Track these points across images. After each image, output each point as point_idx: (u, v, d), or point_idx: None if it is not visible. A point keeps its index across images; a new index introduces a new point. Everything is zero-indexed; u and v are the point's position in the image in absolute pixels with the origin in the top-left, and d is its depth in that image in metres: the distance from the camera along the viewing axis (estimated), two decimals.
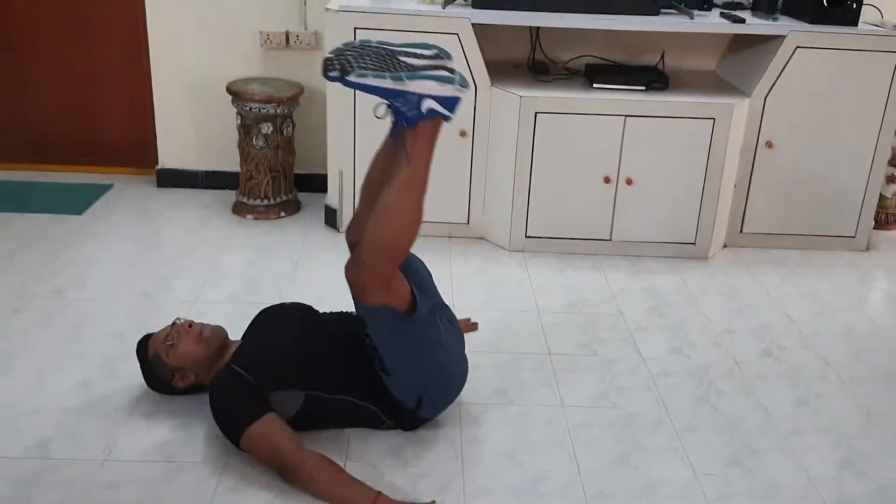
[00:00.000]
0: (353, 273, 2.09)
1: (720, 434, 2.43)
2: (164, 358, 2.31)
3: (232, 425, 2.13)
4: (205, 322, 2.39)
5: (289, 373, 2.21)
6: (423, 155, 2.06)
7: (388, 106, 2.01)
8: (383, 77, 1.96)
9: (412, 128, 2.02)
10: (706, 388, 2.65)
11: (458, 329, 2.37)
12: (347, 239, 2.37)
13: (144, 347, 2.37)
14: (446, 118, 2.04)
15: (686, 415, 2.50)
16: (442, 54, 2.06)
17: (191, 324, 2.34)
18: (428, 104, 1.99)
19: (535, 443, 2.34)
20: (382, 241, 2.06)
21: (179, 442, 2.25)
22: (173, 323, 2.38)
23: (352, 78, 1.95)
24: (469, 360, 2.44)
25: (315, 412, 2.23)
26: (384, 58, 1.99)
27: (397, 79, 1.96)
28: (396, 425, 2.31)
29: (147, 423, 2.32)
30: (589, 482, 2.19)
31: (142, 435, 2.27)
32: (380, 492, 2.02)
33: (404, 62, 2.00)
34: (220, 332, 2.37)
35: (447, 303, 2.41)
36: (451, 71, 2.04)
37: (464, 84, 2.03)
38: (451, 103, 2.03)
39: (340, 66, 1.95)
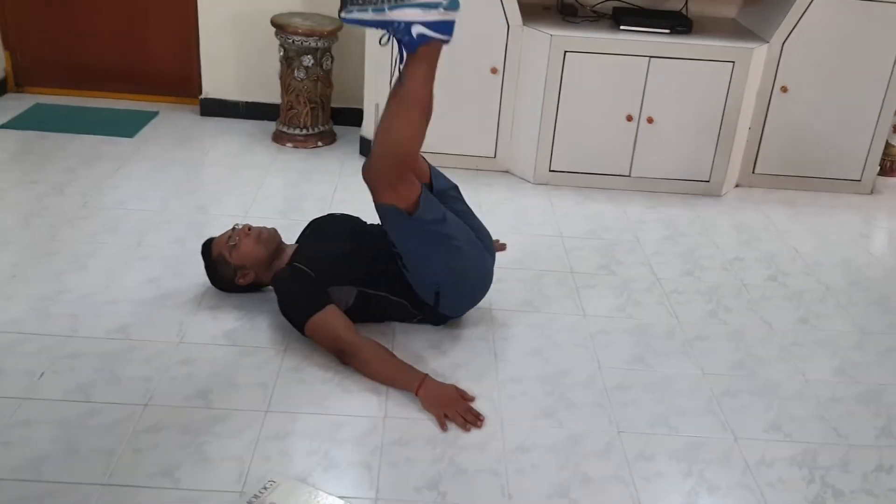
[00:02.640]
0: (364, 174, 2.33)
1: (727, 342, 2.69)
2: (228, 257, 2.57)
3: (297, 314, 2.40)
4: (261, 226, 2.65)
5: (343, 270, 2.48)
6: (418, 76, 2.20)
7: (391, 35, 2.15)
8: (365, 10, 2.11)
9: (412, 52, 2.17)
10: (715, 305, 2.90)
11: (482, 236, 2.58)
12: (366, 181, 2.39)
13: (209, 249, 2.63)
14: (442, 41, 2.15)
15: (696, 326, 2.76)
16: None
17: (249, 227, 2.60)
18: (417, 30, 2.11)
19: (560, 343, 2.60)
20: (383, 147, 2.28)
21: (244, 330, 2.52)
22: (233, 227, 2.63)
23: (343, 14, 2.14)
24: (497, 275, 2.68)
25: (365, 306, 2.50)
26: None
27: (378, 10, 2.10)
28: (425, 319, 2.57)
29: (213, 314, 2.59)
30: (608, 376, 2.46)
31: (210, 324, 2.54)
32: (427, 374, 2.29)
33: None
34: (275, 235, 2.63)
35: None
36: None
37: (451, 6, 2.09)
38: (443, 27, 2.11)
39: (342, 4, 2.13)
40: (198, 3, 4.14)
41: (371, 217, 2.81)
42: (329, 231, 2.66)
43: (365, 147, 3.98)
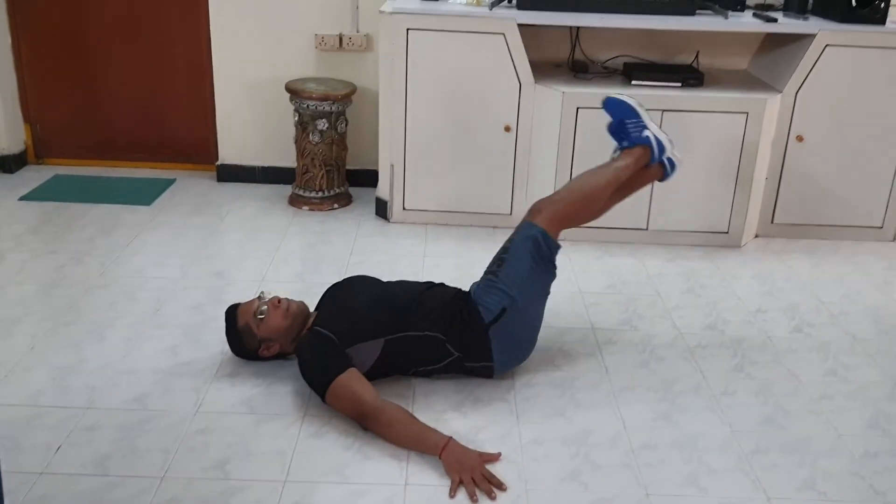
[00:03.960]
0: (541, 201, 2.70)
1: (754, 397, 2.63)
2: (255, 329, 2.55)
3: (319, 379, 2.37)
4: (290, 297, 2.63)
5: (367, 324, 2.47)
6: (619, 166, 2.79)
7: (618, 129, 2.86)
8: (629, 98, 2.87)
9: (629, 147, 2.82)
10: (740, 359, 2.85)
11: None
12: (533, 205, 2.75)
13: (233, 317, 2.60)
14: (653, 154, 2.81)
15: (722, 381, 2.70)
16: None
17: (279, 300, 2.58)
18: (647, 133, 2.80)
19: (583, 402, 2.55)
20: (576, 189, 2.75)
21: (262, 397, 2.49)
22: (259, 296, 2.62)
23: (611, 96, 2.89)
24: None
25: (393, 355, 2.47)
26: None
27: (639, 104, 2.86)
28: (461, 357, 2.52)
29: (231, 382, 2.56)
30: (634, 435, 2.40)
31: (227, 392, 2.51)
32: (451, 437, 2.24)
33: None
34: (304, 308, 2.61)
35: None
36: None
37: (676, 155, 2.88)
38: (661, 149, 2.82)
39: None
40: (213, 72, 4.21)
41: (386, 278, 2.81)
42: (347, 292, 2.65)
43: (381, 207, 3.98)
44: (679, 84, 3.70)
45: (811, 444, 2.40)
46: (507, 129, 3.74)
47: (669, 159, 2.86)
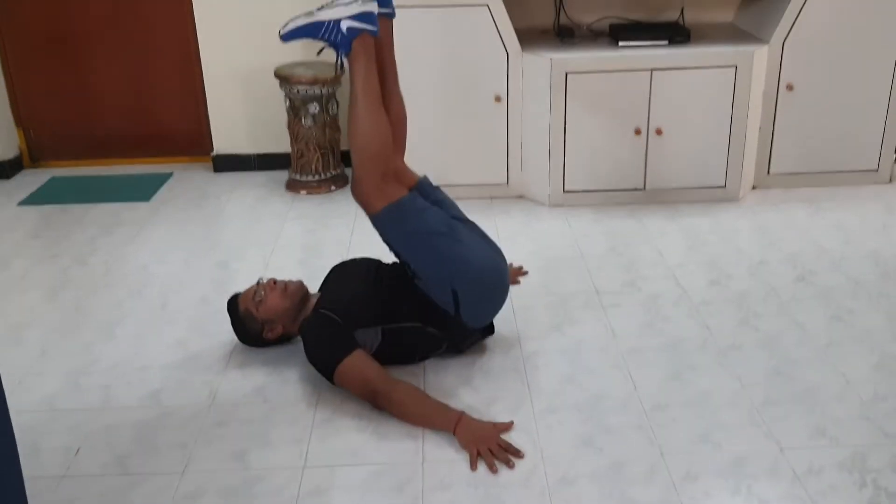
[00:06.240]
0: (355, 190, 2.42)
1: (761, 350, 2.65)
2: (255, 313, 2.57)
3: (326, 362, 2.40)
4: (286, 278, 2.65)
5: (367, 311, 2.48)
6: (360, 72, 2.38)
7: (325, 43, 2.37)
8: (297, 19, 2.37)
9: (349, 52, 2.37)
10: (745, 313, 2.87)
11: (489, 242, 2.60)
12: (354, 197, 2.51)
13: (235, 306, 2.63)
14: (370, 32, 2.35)
15: (729, 336, 2.73)
16: None
17: (275, 281, 2.60)
18: (346, 24, 2.33)
19: (593, 367, 2.58)
20: (357, 153, 2.38)
21: (274, 385, 2.52)
22: (258, 282, 2.64)
23: (280, 31, 2.39)
24: (522, 302, 2.74)
25: (391, 345, 2.48)
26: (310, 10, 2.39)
27: (308, 14, 2.36)
28: (450, 341, 2.54)
29: (243, 372, 2.59)
30: (645, 397, 2.42)
31: (240, 382, 2.54)
32: (463, 412, 2.27)
33: (324, 6, 2.38)
34: (301, 286, 2.63)
35: None
36: None
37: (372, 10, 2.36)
38: (366, 18, 2.34)
39: (283, 27, 2.39)
40: (202, 63, 4.19)
41: (389, 258, 2.83)
42: (349, 275, 2.67)
43: None
44: (666, 42, 3.69)
45: (820, 391, 2.43)
46: (498, 99, 3.74)
47: (369, 14, 2.36)
